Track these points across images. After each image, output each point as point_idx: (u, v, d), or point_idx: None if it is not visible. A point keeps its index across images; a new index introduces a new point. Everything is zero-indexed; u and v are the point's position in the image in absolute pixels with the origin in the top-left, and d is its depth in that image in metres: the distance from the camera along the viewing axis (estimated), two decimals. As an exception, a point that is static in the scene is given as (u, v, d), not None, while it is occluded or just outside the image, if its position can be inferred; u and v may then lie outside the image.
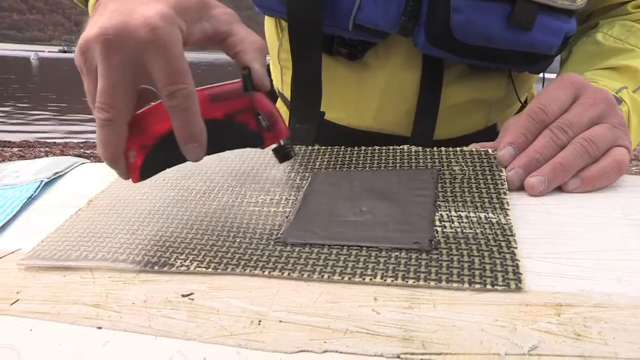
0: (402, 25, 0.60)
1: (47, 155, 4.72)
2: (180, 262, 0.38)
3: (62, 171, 0.60)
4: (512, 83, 0.71)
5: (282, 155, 0.44)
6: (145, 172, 0.41)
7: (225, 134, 0.41)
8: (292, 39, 0.62)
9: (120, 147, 0.39)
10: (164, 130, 0.39)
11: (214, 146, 0.40)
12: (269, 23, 0.77)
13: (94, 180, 0.57)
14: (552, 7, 0.58)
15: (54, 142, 5.71)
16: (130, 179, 0.41)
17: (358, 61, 0.67)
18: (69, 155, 4.89)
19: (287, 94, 0.74)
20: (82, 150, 5.28)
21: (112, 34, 0.36)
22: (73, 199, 0.52)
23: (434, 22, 0.59)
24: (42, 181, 0.57)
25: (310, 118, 0.64)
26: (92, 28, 0.37)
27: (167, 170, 0.42)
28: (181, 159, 0.41)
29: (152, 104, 0.41)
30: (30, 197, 0.54)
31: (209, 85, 0.41)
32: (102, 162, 0.41)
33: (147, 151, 0.40)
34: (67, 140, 6.00)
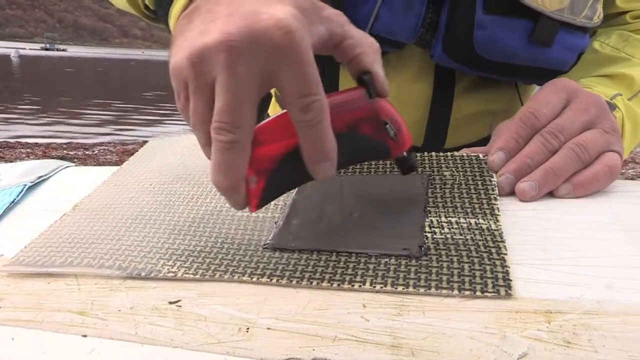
0: (420, 37, 0.62)
1: (28, 157, 4.69)
2: (168, 269, 0.38)
3: (46, 175, 0.60)
4: (518, 93, 0.73)
5: (408, 167, 0.41)
6: (265, 198, 0.38)
7: (349, 147, 0.38)
8: None
9: (242, 173, 0.35)
10: (285, 149, 0.36)
11: (339, 162, 0.36)
12: None
13: (79, 184, 0.57)
14: (571, 24, 0.60)
15: (36, 143, 5.67)
16: (249, 209, 0.37)
17: None
18: (52, 156, 4.83)
19: None
20: (65, 151, 5.25)
21: (240, 39, 0.32)
22: (58, 203, 0.53)
23: (454, 35, 0.61)
24: (25, 185, 0.57)
25: None
26: (205, 35, 0.33)
27: (155, 174, 0.42)
28: (304, 180, 0.38)
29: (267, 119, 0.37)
30: (13, 201, 0.54)
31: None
32: (87, 165, 0.41)
33: (267, 174, 0.36)
34: (50, 140, 5.96)
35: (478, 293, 0.32)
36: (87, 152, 5.24)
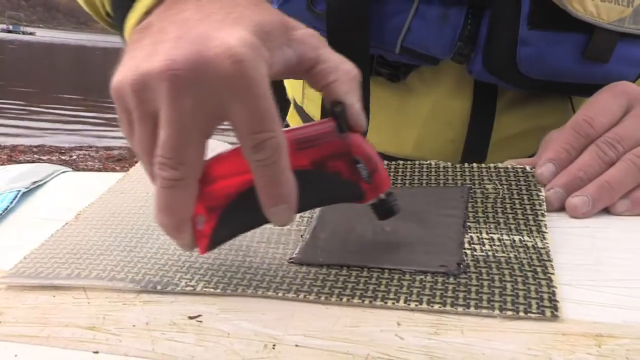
0: (457, 51, 0.64)
1: (-11, 161, 4.74)
2: (186, 282, 0.42)
3: (41, 180, 0.65)
4: (572, 106, 0.75)
5: (384, 211, 0.43)
6: (215, 240, 0.40)
7: (314, 188, 0.40)
8: None
9: (188, 212, 0.38)
10: (239, 186, 0.38)
11: (302, 204, 0.38)
12: None
13: (79, 190, 0.62)
14: (633, 34, 0.61)
15: (-1, 145, 5.72)
16: (197, 250, 0.41)
17: (400, 83, 0.71)
18: (19, 161, 4.86)
19: (311, 109, 0.78)
20: (36, 155, 5.30)
21: (185, 67, 0.34)
22: (56, 211, 0.57)
23: (495, 50, 0.63)
24: (19, 191, 0.61)
25: None
26: (151, 58, 0.35)
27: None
28: (261, 221, 0.40)
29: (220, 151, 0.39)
30: (6, 209, 0.59)
31: (290, 127, 0.39)
32: (86, 170, 0.44)
33: (218, 214, 0.39)
34: (16, 142, 6.00)
35: (521, 314, 0.36)
36: (63, 157, 5.30)
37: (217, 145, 0.42)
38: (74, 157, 5.36)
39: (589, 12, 0.58)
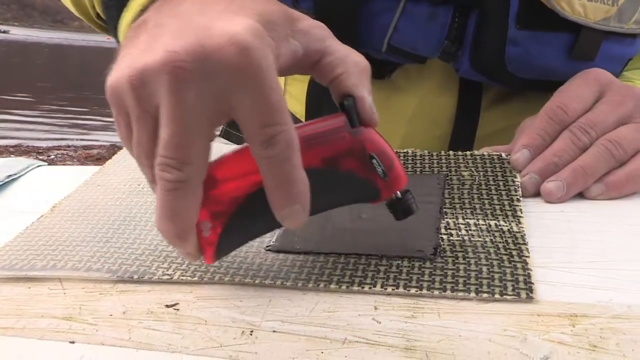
0: (444, 50, 0.64)
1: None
2: (163, 271, 0.42)
3: (16, 174, 0.64)
4: None
5: (401, 210, 0.40)
6: (222, 248, 0.38)
7: (326, 188, 0.37)
8: None
9: (193, 218, 0.35)
10: (247, 188, 0.36)
11: (313, 206, 0.36)
12: None
13: (55, 184, 0.61)
14: (618, 33, 0.62)
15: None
16: (203, 260, 0.38)
17: (385, 80, 0.71)
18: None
19: (292, 107, 0.78)
20: (12, 155, 5.24)
21: (187, 59, 0.32)
22: (31, 204, 0.57)
23: (483, 50, 0.63)
24: (-7, 185, 0.61)
25: None
26: (149, 53, 0.33)
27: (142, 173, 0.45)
28: (272, 226, 0.38)
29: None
30: (-20, 203, 0.58)
31: (298, 124, 0.36)
32: (63, 164, 0.44)
33: (226, 219, 0.36)
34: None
35: (497, 296, 0.36)
36: (40, 157, 5.25)
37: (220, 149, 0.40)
38: (52, 156, 5.30)
39: (576, 12, 0.59)
